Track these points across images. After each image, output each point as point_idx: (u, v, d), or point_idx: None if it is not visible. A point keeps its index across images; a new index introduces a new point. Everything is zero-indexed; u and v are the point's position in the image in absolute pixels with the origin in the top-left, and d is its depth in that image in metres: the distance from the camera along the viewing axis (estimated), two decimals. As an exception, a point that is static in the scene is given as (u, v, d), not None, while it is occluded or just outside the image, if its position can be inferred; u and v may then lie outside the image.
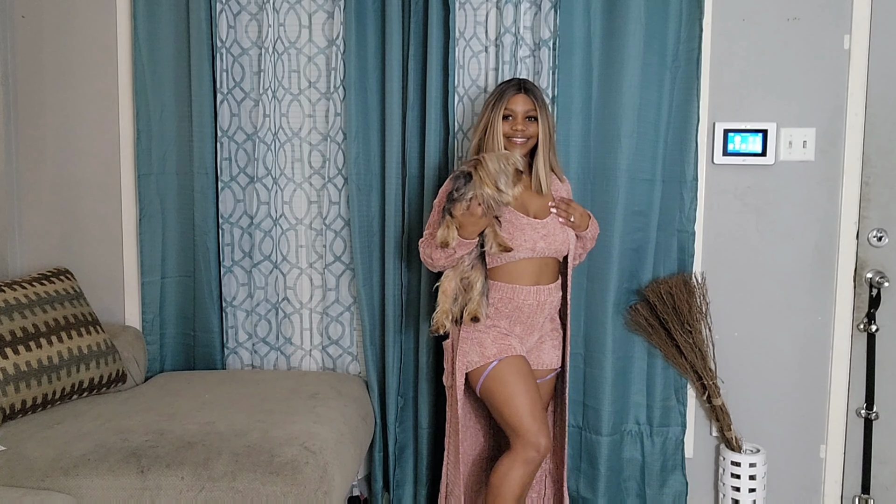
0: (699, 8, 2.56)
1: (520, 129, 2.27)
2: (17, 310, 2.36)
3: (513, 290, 2.27)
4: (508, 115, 2.29)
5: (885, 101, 2.58)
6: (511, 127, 2.28)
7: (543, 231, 2.27)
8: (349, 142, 2.68)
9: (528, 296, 2.27)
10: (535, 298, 2.28)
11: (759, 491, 2.61)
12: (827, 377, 2.68)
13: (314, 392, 2.51)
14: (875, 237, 2.63)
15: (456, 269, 2.26)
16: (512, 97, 2.28)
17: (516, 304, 2.27)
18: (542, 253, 2.28)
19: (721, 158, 2.64)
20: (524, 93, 2.29)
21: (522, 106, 2.28)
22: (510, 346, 2.26)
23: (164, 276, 2.83)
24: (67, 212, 2.88)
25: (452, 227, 2.14)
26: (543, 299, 2.29)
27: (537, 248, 2.26)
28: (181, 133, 2.77)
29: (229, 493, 2.03)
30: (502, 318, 2.29)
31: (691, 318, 2.59)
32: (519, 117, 2.28)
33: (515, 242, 2.23)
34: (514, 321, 2.29)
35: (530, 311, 2.28)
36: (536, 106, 2.28)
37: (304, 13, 2.74)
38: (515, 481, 2.18)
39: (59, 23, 2.82)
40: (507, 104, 2.28)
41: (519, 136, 2.28)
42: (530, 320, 2.30)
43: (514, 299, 2.27)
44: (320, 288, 2.84)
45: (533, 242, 2.25)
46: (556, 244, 2.29)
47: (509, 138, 2.29)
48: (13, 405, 2.27)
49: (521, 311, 2.28)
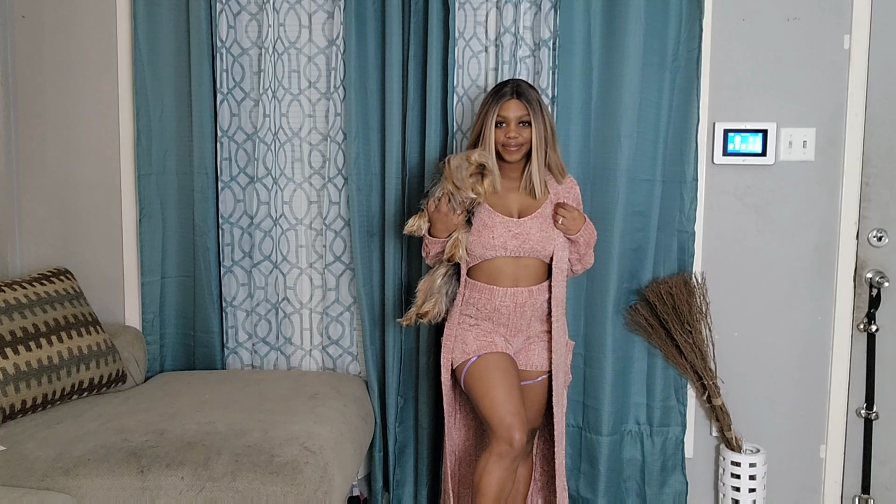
0: (699, 8, 2.56)
1: (513, 136, 2.25)
2: (17, 310, 2.36)
3: (490, 291, 2.28)
4: (501, 122, 2.26)
5: (885, 101, 2.58)
6: (505, 135, 2.26)
7: (517, 230, 2.26)
8: (349, 142, 2.68)
9: (504, 297, 2.27)
10: (513, 300, 2.27)
11: (759, 491, 2.61)
12: (827, 377, 2.68)
13: (314, 392, 2.51)
14: (875, 237, 2.63)
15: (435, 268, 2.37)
16: (505, 103, 2.26)
17: (494, 304, 2.28)
18: (516, 252, 2.27)
19: (721, 158, 2.64)
20: (516, 97, 2.26)
21: (515, 112, 2.25)
22: (491, 343, 2.29)
23: (164, 276, 2.83)
24: (67, 212, 2.88)
25: (423, 219, 2.29)
26: (522, 301, 2.28)
27: (508, 247, 2.26)
28: (181, 133, 2.77)
29: (229, 493, 2.03)
30: (483, 318, 2.31)
31: (691, 318, 2.59)
32: (512, 124, 2.25)
33: (483, 240, 2.25)
34: (496, 322, 2.31)
35: (508, 312, 2.28)
36: (529, 110, 2.25)
37: (304, 13, 2.74)
38: (493, 476, 2.16)
39: (59, 23, 2.82)
40: (499, 111, 2.25)
41: (512, 143, 2.26)
42: (511, 322, 2.30)
43: (492, 300, 2.28)
44: (320, 288, 2.84)
45: (503, 241, 2.25)
46: (530, 243, 2.26)
47: (504, 146, 2.27)
48: (13, 405, 2.27)
49: (500, 312, 2.29)
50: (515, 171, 2.34)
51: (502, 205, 2.30)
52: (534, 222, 2.28)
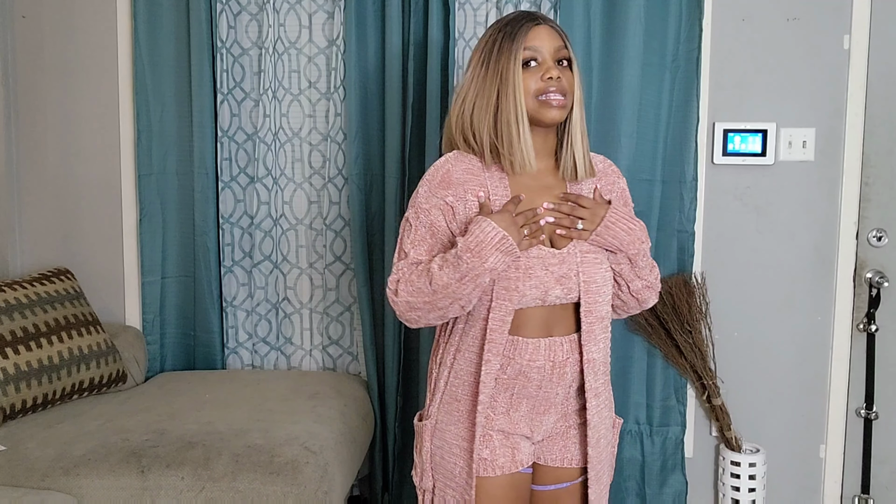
0: (699, 8, 2.56)
1: (555, 76, 1.45)
2: (17, 310, 2.36)
3: (513, 344, 1.50)
4: (531, 60, 1.47)
5: (885, 101, 2.58)
6: (542, 76, 1.46)
7: (560, 269, 1.50)
8: (349, 142, 2.68)
9: (534, 354, 1.50)
10: (549, 358, 1.51)
11: (758, 491, 2.62)
12: (827, 377, 2.68)
13: (314, 392, 2.51)
14: (875, 237, 2.63)
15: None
16: (533, 30, 1.47)
17: (516, 366, 1.51)
18: (562, 300, 1.52)
19: (721, 158, 2.64)
20: (546, 24, 1.50)
21: (551, 42, 1.47)
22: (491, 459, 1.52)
23: (165, 276, 2.83)
24: (67, 212, 2.88)
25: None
26: (562, 358, 1.51)
27: (549, 297, 1.50)
28: (181, 133, 2.77)
29: (229, 493, 2.03)
30: (499, 390, 1.53)
31: (691, 318, 2.59)
32: (548, 59, 1.47)
33: (511, 287, 1.47)
34: (517, 394, 1.53)
35: (539, 378, 1.51)
36: (567, 45, 1.51)
37: (305, 13, 2.74)
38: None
39: (60, 23, 2.82)
40: (526, 42, 1.46)
41: (554, 90, 1.46)
42: (543, 394, 1.53)
43: (516, 359, 1.51)
44: (320, 288, 2.84)
45: (543, 289, 1.49)
46: (584, 285, 1.51)
47: (541, 97, 1.47)
48: (13, 405, 2.27)
49: (527, 378, 1.51)
50: (549, 145, 1.56)
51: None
52: (581, 250, 1.52)
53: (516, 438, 1.55)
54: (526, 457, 1.56)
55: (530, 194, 1.53)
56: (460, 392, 1.54)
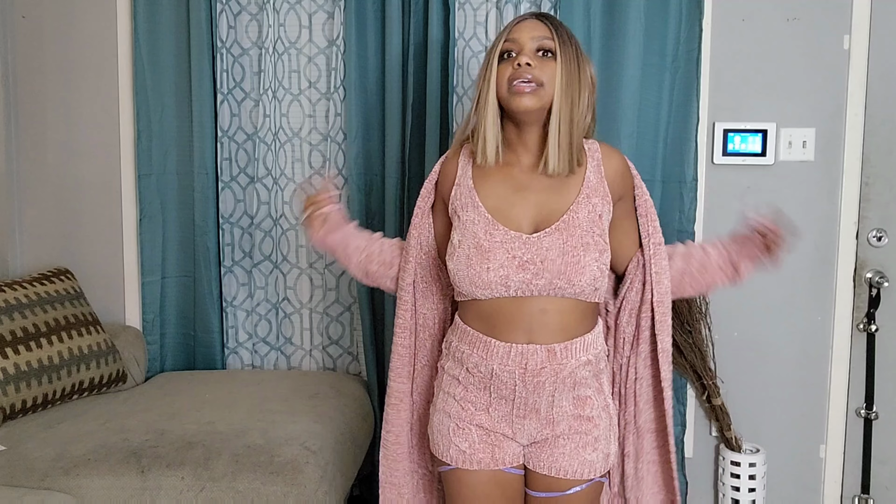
0: (699, 8, 2.56)
1: (525, 61, 1.43)
2: (17, 310, 2.36)
3: (486, 345, 1.45)
4: (509, 51, 1.47)
5: (885, 101, 2.58)
6: (513, 64, 1.45)
7: (525, 254, 1.43)
8: (349, 142, 2.68)
9: (504, 359, 1.43)
10: (520, 364, 1.42)
11: (758, 491, 2.62)
12: (827, 377, 2.68)
13: (314, 392, 2.51)
14: (875, 237, 2.63)
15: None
16: (517, 24, 1.49)
17: (489, 368, 1.44)
18: (523, 290, 1.44)
19: (721, 158, 2.64)
20: (536, 18, 1.50)
21: (531, 32, 1.46)
22: (477, 448, 1.50)
23: (165, 276, 2.83)
24: (67, 212, 2.88)
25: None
26: (537, 366, 1.42)
27: (511, 284, 1.42)
28: (181, 133, 2.77)
29: (230, 493, 2.03)
30: (477, 385, 1.49)
31: (691, 318, 2.59)
32: (525, 48, 1.45)
33: (472, 272, 1.43)
34: (495, 394, 1.48)
35: (513, 382, 1.44)
36: (554, 35, 1.46)
37: (304, 13, 2.74)
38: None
39: (60, 23, 2.82)
40: (508, 34, 1.48)
41: (523, 77, 1.43)
42: (519, 398, 1.46)
43: (488, 361, 1.44)
44: (320, 288, 2.84)
45: (503, 275, 1.42)
46: (547, 276, 1.42)
47: (511, 85, 1.44)
48: (13, 405, 2.27)
49: (501, 380, 1.44)
50: (529, 141, 1.51)
51: (506, 207, 1.49)
52: (555, 238, 1.43)
53: (497, 436, 1.52)
54: (510, 457, 1.52)
55: (489, 184, 1.52)
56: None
